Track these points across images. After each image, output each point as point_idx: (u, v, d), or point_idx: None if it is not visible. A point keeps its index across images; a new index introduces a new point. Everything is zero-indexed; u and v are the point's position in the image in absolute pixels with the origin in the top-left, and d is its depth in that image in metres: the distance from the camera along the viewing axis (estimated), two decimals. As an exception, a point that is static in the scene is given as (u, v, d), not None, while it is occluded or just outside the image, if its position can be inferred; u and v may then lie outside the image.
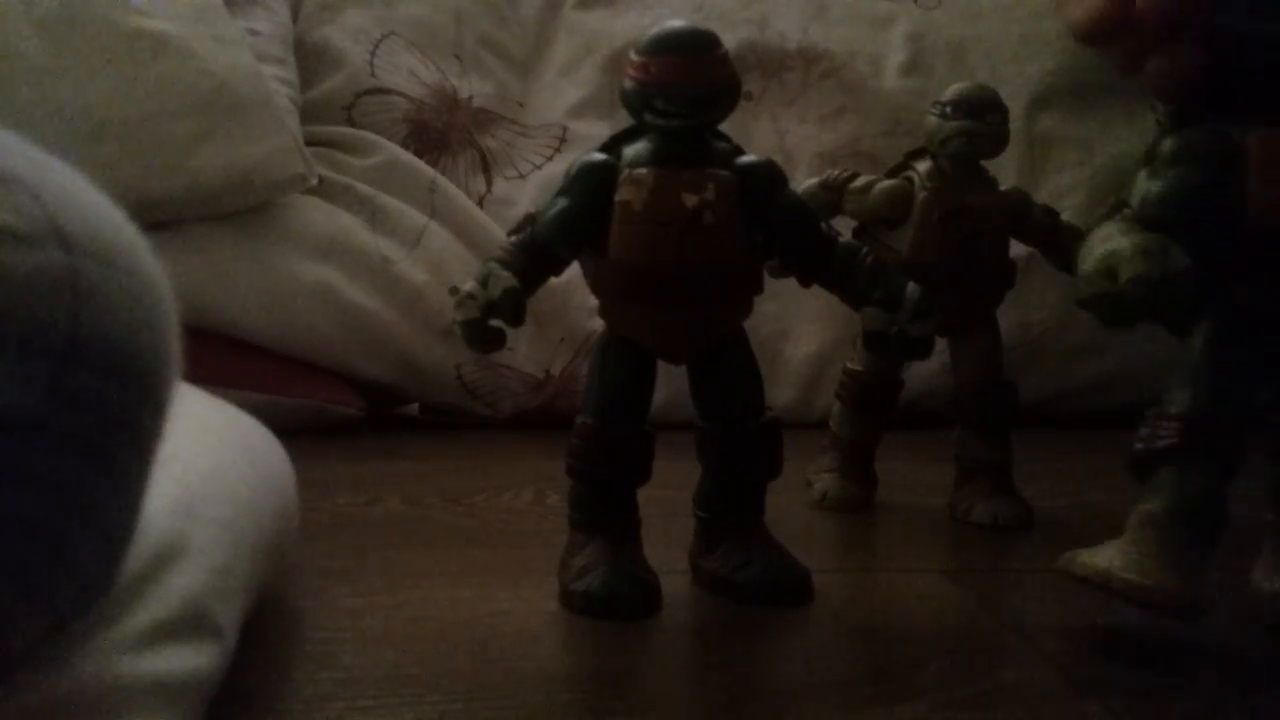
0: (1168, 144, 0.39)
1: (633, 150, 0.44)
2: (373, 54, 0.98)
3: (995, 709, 0.36)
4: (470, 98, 1.00)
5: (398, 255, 0.88)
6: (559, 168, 0.93)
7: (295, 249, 0.85)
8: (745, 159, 0.45)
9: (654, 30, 0.43)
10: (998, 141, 0.59)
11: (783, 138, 1.01)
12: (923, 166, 0.60)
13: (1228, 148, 0.38)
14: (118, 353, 0.23)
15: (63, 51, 0.76)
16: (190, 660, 0.29)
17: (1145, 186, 0.39)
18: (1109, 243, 0.38)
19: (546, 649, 0.41)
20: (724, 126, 0.45)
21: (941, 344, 0.57)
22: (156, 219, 0.83)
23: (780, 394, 0.91)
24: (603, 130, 0.83)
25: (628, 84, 0.43)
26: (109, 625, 0.27)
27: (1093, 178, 0.98)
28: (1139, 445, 0.40)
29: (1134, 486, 0.41)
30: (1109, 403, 0.91)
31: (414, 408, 0.94)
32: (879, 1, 1.08)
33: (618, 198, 0.43)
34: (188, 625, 0.30)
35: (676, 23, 0.44)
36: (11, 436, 0.21)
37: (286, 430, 0.89)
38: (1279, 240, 0.38)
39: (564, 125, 1.01)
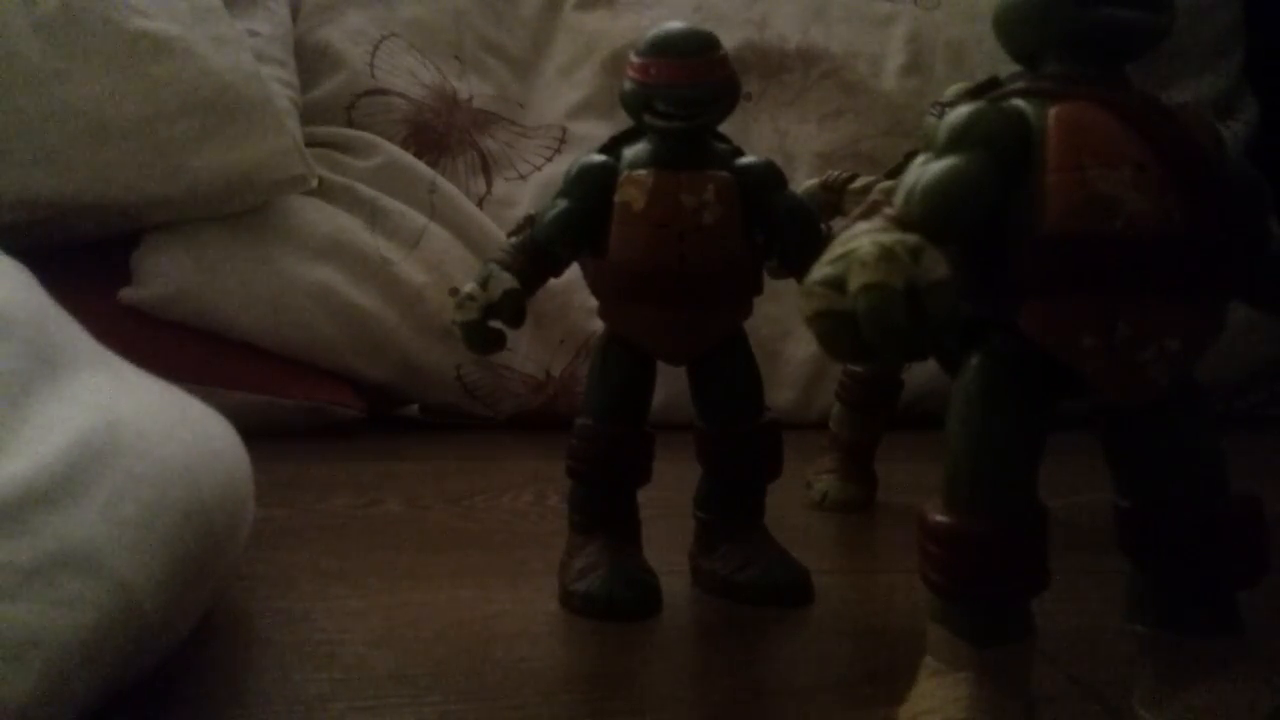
0: (945, 123, 0.30)
1: (632, 151, 0.44)
2: (372, 55, 0.98)
3: (995, 709, 0.36)
4: (470, 99, 1.00)
5: (398, 256, 0.88)
6: (559, 169, 0.93)
7: (295, 250, 0.85)
8: (745, 160, 0.45)
9: (653, 32, 0.43)
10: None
11: (783, 138, 1.01)
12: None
13: (1021, 129, 0.30)
14: None
15: (63, 53, 0.76)
16: (47, 612, 0.26)
17: (913, 177, 0.30)
18: (846, 244, 0.27)
19: (546, 649, 0.41)
20: (724, 127, 0.46)
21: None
22: (156, 219, 0.83)
23: (780, 394, 0.91)
24: (602, 131, 0.83)
25: (627, 85, 0.44)
26: None
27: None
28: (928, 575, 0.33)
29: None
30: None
31: (414, 408, 0.94)
32: (879, 2, 1.08)
33: (617, 199, 0.43)
34: (59, 570, 0.27)
35: (676, 24, 0.44)
36: None
37: (286, 430, 0.88)
38: (1079, 248, 0.29)
39: (564, 126, 1.01)
